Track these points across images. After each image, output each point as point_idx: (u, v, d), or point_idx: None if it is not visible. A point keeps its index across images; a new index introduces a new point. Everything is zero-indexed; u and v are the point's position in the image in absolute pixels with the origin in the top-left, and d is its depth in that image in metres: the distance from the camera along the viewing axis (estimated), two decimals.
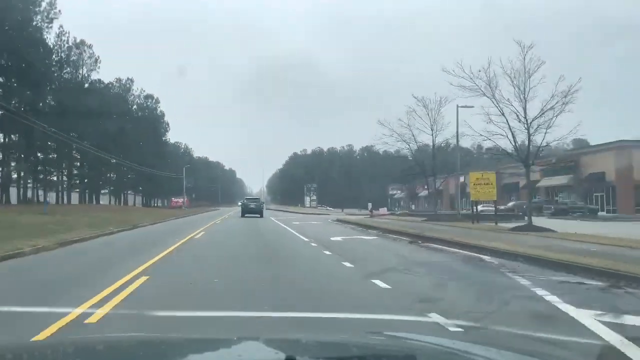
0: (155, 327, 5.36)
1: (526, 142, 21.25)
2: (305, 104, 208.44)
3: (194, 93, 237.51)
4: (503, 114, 20.90)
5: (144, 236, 19.90)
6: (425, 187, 77.72)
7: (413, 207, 69.53)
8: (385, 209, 54.99)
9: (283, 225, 28.55)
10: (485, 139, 21.80)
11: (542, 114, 20.55)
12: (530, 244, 14.02)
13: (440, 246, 15.44)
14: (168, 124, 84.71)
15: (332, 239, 18.14)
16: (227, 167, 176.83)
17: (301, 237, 19.18)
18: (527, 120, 20.79)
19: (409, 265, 10.62)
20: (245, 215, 40.63)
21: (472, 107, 30.99)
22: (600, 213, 43.66)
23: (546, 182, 53.98)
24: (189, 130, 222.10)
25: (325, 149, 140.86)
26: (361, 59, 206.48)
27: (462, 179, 37.70)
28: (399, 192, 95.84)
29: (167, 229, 25.73)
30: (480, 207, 45.75)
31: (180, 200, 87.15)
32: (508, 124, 20.97)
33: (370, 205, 53.65)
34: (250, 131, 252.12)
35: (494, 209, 33.56)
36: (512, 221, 26.95)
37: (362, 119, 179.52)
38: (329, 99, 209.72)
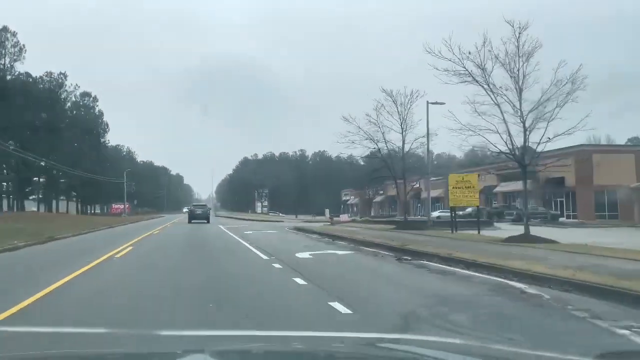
0: None
1: (520, 140, 18.20)
2: (257, 108, 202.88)
3: (138, 95, 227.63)
4: (497, 104, 17.73)
5: (51, 254, 15.38)
6: (381, 192, 75.30)
7: (372, 212, 66.58)
8: (347, 215, 51.42)
9: (234, 236, 24.30)
10: (473, 134, 18.49)
11: (540, 105, 17.55)
12: (557, 263, 10.74)
13: (442, 266, 11.87)
14: (107, 125, 78.16)
15: (298, 255, 14.17)
16: (174, 172, 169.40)
17: (258, 253, 15.06)
18: (522, 113, 17.74)
19: (434, 308, 6.84)
20: (192, 221, 41.65)
21: (444, 103, 28.35)
22: (561, 219, 42.69)
23: (503, 187, 52.59)
24: (133, 133, 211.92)
25: (277, 154, 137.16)
26: (315, 62, 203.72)
27: (416, 184, 34.95)
28: (352, 197, 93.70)
29: (92, 241, 21.35)
30: (437, 213, 43.41)
31: (121, 206, 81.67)
32: (503, 116, 17.82)
33: (327, 211, 50.04)
34: (199, 135, 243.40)
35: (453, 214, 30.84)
36: (483, 228, 24.56)
37: (314, 125, 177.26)
38: (282, 104, 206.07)
